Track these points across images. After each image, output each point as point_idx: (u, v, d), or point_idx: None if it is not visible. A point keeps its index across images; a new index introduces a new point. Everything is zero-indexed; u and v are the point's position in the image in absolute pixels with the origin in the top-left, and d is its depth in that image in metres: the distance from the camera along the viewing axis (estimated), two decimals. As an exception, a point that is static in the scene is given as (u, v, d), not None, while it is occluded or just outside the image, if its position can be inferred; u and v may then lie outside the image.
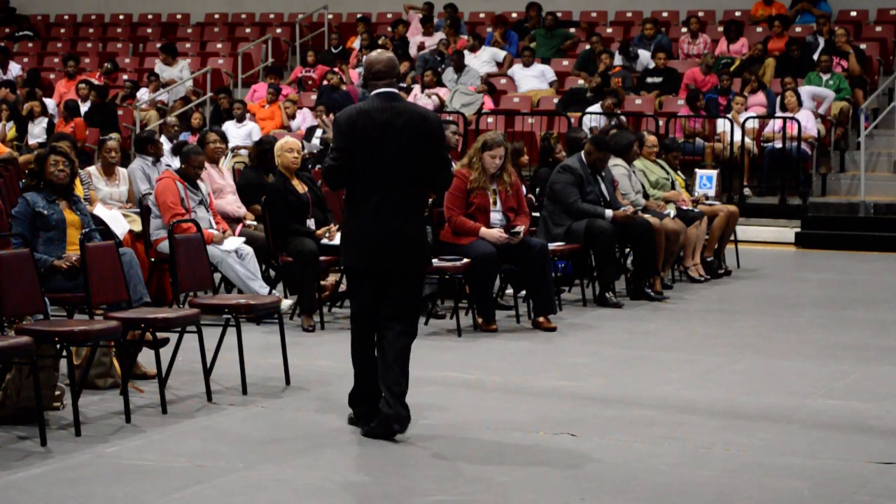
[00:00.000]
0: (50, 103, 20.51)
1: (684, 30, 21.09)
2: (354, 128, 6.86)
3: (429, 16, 22.01)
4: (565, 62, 20.81)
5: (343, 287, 11.17)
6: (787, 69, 18.73)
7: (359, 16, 23.12)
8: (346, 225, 7.01)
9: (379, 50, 7.24)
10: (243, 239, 10.61)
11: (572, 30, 21.68)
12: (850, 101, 18.44)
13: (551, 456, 6.58)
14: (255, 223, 11.19)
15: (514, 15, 22.50)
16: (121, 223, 10.45)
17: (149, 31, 24.73)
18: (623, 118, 17.54)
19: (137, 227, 10.66)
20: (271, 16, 24.44)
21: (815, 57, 19.08)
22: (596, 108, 17.93)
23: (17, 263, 7.18)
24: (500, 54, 20.95)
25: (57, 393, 7.32)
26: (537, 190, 12.59)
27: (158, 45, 23.39)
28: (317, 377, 8.40)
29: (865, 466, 6.44)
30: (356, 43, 22.22)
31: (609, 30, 21.85)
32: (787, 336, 10.25)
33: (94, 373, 7.85)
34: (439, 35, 21.47)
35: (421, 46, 21.35)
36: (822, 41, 19.55)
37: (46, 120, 19.56)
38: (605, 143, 11.95)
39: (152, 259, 10.34)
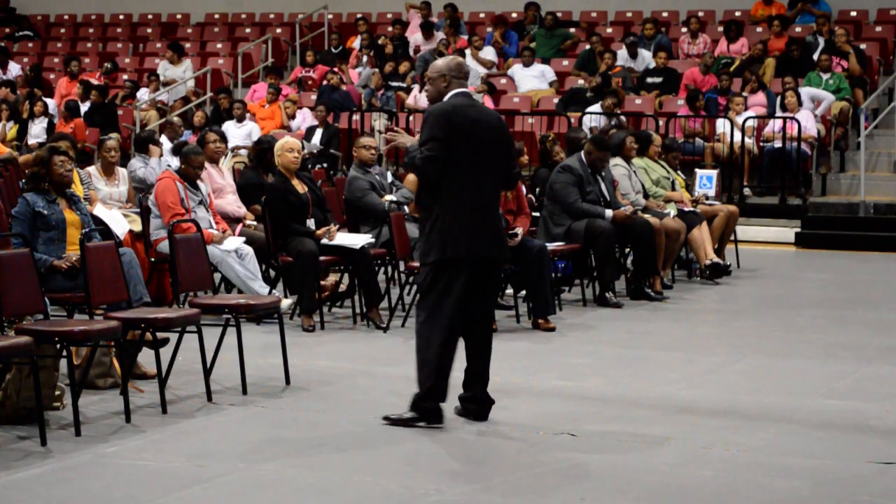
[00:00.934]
0: (50, 103, 20.52)
1: (684, 30, 21.09)
2: (451, 122, 7.11)
3: (428, 19, 21.95)
4: (565, 62, 20.82)
5: (343, 287, 11.18)
6: (787, 69, 18.73)
7: (359, 16, 23.12)
8: (437, 219, 7.10)
9: (452, 56, 7.55)
10: (243, 239, 10.61)
11: (572, 30, 21.68)
12: (850, 101, 18.44)
13: (551, 456, 6.58)
14: (255, 223, 11.19)
15: (514, 15, 22.51)
16: (121, 223, 10.44)
17: (149, 31, 24.74)
18: (623, 118, 17.55)
19: (137, 227, 10.65)
20: (271, 16, 24.44)
21: (815, 57, 19.08)
22: (596, 108, 17.93)
23: (17, 263, 7.18)
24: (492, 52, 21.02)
25: (57, 393, 7.32)
26: (537, 190, 12.59)
27: (158, 44, 23.42)
28: (317, 377, 8.40)
29: (865, 466, 6.44)
30: (356, 43, 22.22)
31: (609, 30, 21.85)
32: (787, 336, 10.26)
33: (94, 373, 7.85)
34: (439, 35, 21.48)
35: (416, 49, 21.35)
36: (822, 41, 19.55)
37: (46, 120, 19.55)
38: (605, 142, 11.97)
39: (152, 259, 10.33)
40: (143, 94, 21.00)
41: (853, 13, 21.11)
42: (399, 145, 7.55)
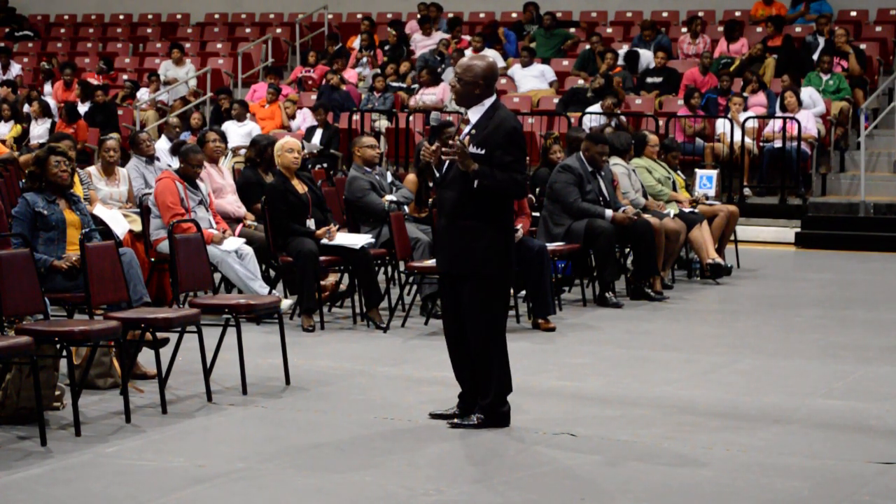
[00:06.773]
0: (51, 103, 20.51)
1: (684, 30, 21.08)
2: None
3: (427, 16, 21.97)
4: (565, 62, 20.81)
5: (343, 287, 11.17)
6: (788, 69, 18.71)
7: (359, 16, 23.12)
8: (497, 235, 7.00)
9: (490, 61, 7.28)
10: (243, 240, 10.61)
11: (572, 30, 21.67)
12: (850, 101, 18.43)
13: (552, 456, 6.58)
14: (255, 223, 11.19)
15: (514, 15, 22.50)
16: (121, 223, 10.44)
17: (149, 31, 24.75)
18: (623, 118, 17.55)
19: (137, 227, 10.66)
20: (271, 16, 24.44)
21: (815, 57, 19.08)
22: (596, 108, 17.93)
23: (17, 263, 7.18)
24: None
25: (57, 393, 7.32)
26: (537, 190, 12.59)
27: (159, 44, 23.40)
28: (317, 377, 8.40)
29: (865, 466, 6.44)
30: (356, 43, 22.22)
31: (609, 30, 21.84)
32: (787, 336, 10.25)
33: (94, 373, 7.85)
34: (439, 34, 21.48)
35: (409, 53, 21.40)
36: (822, 41, 19.55)
37: (49, 121, 19.54)
38: (600, 136, 11.97)
39: (152, 259, 10.34)
40: (143, 94, 21.00)
41: (853, 13, 21.11)
42: (465, 167, 6.90)
